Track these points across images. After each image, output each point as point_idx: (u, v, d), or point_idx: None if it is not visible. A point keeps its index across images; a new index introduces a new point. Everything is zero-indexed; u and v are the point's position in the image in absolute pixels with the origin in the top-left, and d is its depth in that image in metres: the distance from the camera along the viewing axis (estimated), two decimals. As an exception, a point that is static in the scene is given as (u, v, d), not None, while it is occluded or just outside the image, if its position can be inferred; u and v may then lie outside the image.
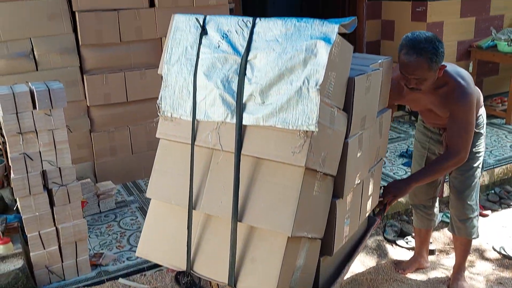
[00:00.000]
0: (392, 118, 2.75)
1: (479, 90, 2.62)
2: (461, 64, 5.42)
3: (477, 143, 2.62)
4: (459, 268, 2.85)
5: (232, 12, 4.65)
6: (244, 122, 1.67)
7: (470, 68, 5.42)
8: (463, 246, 2.80)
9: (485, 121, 2.67)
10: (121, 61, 3.85)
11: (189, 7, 3.93)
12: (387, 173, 4.10)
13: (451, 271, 2.94)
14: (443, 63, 2.27)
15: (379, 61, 2.06)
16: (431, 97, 2.43)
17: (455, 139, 2.39)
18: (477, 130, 2.59)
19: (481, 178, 2.73)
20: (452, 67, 2.43)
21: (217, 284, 2.09)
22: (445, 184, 2.96)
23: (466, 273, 2.92)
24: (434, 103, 2.45)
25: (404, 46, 2.23)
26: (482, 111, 2.64)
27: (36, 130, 2.52)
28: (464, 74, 2.43)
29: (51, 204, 2.67)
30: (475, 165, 2.64)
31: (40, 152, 2.56)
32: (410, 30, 2.42)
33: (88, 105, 3.81)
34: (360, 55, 2.20)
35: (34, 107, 2.49)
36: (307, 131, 1.57)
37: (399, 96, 2.45)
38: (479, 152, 2.64)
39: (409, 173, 4.05)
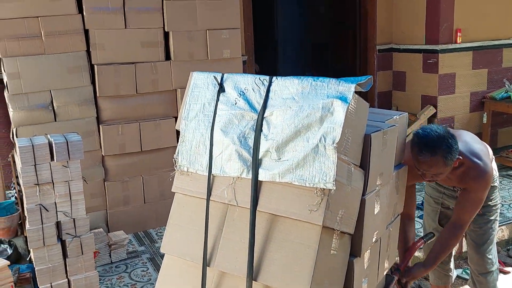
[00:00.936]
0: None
1: (487, 146, 2.63)
2: (474, 115, 5.47)
3: (492, 197, 2.60)
4: None
5: (245, 64, 4.77)
6: (260, 178, 1.67)
7: (484, 119, 5.43)
8: None
9: (497, 174, 2.66)
10: (136, 112, 3.93)
11: (204, 60, 4.05)
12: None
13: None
14: (458, 156, 2.27)
15: (395, 117, 2.07)
16: (448, 175, 2.42)
17: (463, 213, 2.42)
18: (492, 184, 2.57)
19: (500, 232, 2.70)
20: (465, 146, 2.39)
21: None
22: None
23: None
24: (451, 180, 2.46)
25: (417, 144, 2.23)
26: (494, 165, 2.64)
27: (53, 181, 2.55)
28: (478, 151, 2.42)
29: (64, 255, 2.66)
30: (492, 218, 2.62)
31: (55, 203, 2.58)
32: (421, 81, 2.44)
33: (103, 154, 3.86)
34: (375, 110, 2.22)
35: (52, 159, 2.53)
36: (324, 189, 1.57)
37: (415, 177, 2.39)
38: (495, 205, 2.62)
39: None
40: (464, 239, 2.96)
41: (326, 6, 6.76)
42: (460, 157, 2.29)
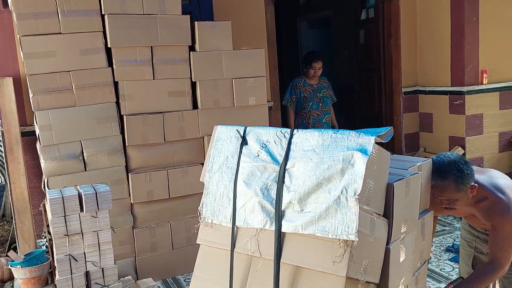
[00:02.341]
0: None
1: None
2: (504, 155, 5.37)
3: None
4: None
5: (270, 110, 4.86)
6: (283, 230, 1.69)
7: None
8: None
9: None
10: (164, 160, 4.01)
11: (230, 108, 4.14)
12: (433, 269, 3.93)
13: None
14: (473, 184, 2.28)
15: (418, 163, 2.07)
16: (472, 210, 2.41)
17: (499, 252, 2.35)
18: None
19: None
20: (488, 179, 2.41)
21: None
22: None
23: None
24: (476, 214, 2.42)
25: (432, 169, 2.26)
26: None
27: (82, 232, 2.62)
28: (502, 186, 2.40)
29: (93, 305, 2.69)
30: None
31: (84, 253, 2.64)
32: (448, 122, 2.42)
33: (132, 202, 3.93)
34: (398, 157, 2.22)
35: (82, 209, 2.61)
36: (347, 240, 1.57)
37: (436, 210, 2.39)
38: None
39: (456, 269, 3.87)
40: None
41: (350, 50, 6.86)
42: (476, 184, 2.28)
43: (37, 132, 3.67)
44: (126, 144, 3.86)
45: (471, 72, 5.08)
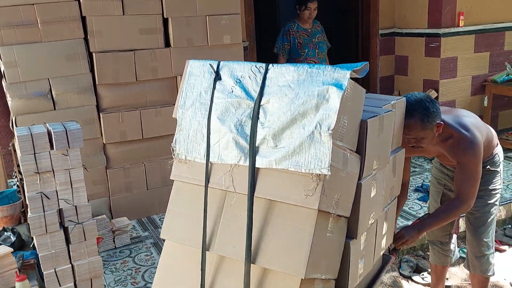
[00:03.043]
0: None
1: (492, 130, 2.64)
2: (476, 99, 5.47)
3: (493, 181, 2.62)
4: None
5: (246, 50, 4.76)
6: (257, 165, 1.69)
7: (485, 102, 5.43)
8: (479, 283, 2.76)
9: (502, 159, 2.67)
10: (136, 100, 3.94)
11: (204, 47, 4.04)
12: (403, 208, 4.06)
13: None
14: (439, 121, 2.32)
15: (392, 102, 2.08)
16: (439, 148, 2.47)
17: (464, 187, 2.43)
18: (492, 168, 2.60)
19: (498, 213, 2.71)
20: (454, 118, 2.46)
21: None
22: (460, 219, 2.94)
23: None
24: (443, 152, 2.48)
25: None
26: (499, 150, 2.65)
27: (53, 169, 2.57)
28: (467, 124, 2.45)
29: (67, 241, 2.70)
30: (491, 201, 2.64)
31: (56, 191, 2.61)
32: (424, 65, 2.46)
33: (104, 142, 3.89)
34: (373, 96, 2.22)
35: (52, 147, 2.55)
36: (319, 174, 1.59)
37: (408, 151, 2.43)
38: (495, 190, 2.64)
39: (425, 208, 4.02)
40: (463, 220, 3.00)
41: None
42: (442, 122, 2.34)
43: (2, 68, 3.53)
44: (97, 83, 3.76)
45: (448, 14, 5.05)
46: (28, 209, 2.59)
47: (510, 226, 4.01)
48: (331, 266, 1.80)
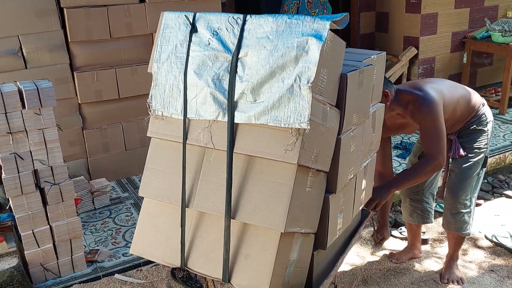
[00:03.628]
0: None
1: (472, 90, 2.65)
2: (455, 56, 5.47)
3: (478, 139, 2.64)
4: (451, 258, 2.89)
5: (224, 6, 4.63)
6: (236, 121, 1.66)
7: (465, 59, 5.44)
8: (454, 239, 2.83)
9: (490, 119, 2.69)
10: (111, 58, 3.83)
11: (180, 2, 3.91)
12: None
13: (445, 260, 2.97)
14: (385, 90, 2.34)
15: (372, 56, 2.05)
16: (407, 118, 2.49)
17: (429, 146, 2.46)
18: (479, 128, 2.62)
19: (482, 174, 2.73)
20: (410, 84, 2.55)
21: (212, 280, 2.10)
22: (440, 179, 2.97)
23: (459, 262, 2.96)
24: (408, 122, 2.53)
25: None
26: (486, 109, 2.67)
27: (26, 129, 2.50)
28: (421, 85, 2.49)
29: (44, 202, 2.66)
30: (474, 160, 2.65)
31: (30, 151, 2.55)
32: (404, 22, 2.44)
33: (79, 102, 3.79)
34: (353, 50, 2.19)
35: (23, 106, 2.47)
36: (299, 129, 1.57)
37: (385, 130, 2.45)
38: (479, 148, 2.65)
39: (404, 165, 4.07)
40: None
41: None
42: (387, 91, 2.37)
43: (-32, 26, 3.37)
44: (69, 40, 3.62)
45: (429, -33, 4.98)
46: (2, 171, 2.53)
47: (486, 181, 4.10)
48: (310, 220, 1.81)
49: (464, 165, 2.65)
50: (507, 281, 2.80)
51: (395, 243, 3.28)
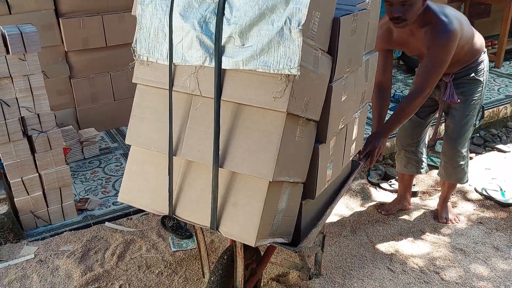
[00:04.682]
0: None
1: (479, 35, 2.58)
2: (452, 5, 5.30)
3: (474, 90, 2.61)
4: (445, 199, 2.97)
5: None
6: (223, 66, 1.60)
7: (462, 10, 5.31)
8: (450, 188, 2.91)
9: (486, 69, 2.63)
10: (98, 4, 3.69)
11: None
12: (371, 116, 4.07)
13: (435, 212, 3.01)
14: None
15: (367, 0, 1.97)
16: (417, 37, 2.40)
17: (424, 75, 2.40)
18: (477, 77, 2.58)
19: (475, 125, 2.72)
20: (439, 8, 2.41)
21: (201, 229, 2.11)
22: (430, 128, 2.96)
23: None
24: (421, 43, 2.41)
25: None
26: (485, 57, 2.62)
27: (10, 75, 2.44)
28: (449, 13, 2.39)
29: (32, 150, 2.63)
30: (469, 113, 2.64)
31: (16, 98, 2.49)
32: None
33: (66, 50, 3.69)
34: (346, -6, 2.10)
35: (7, 52, 2.39)
36: (289, 75, 1.51)
37: (389, 41, 2.43)
38: (474, 101, 2.63)
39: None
40: (431, 129, 3.02)
41: None
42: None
43: None
44: (53, -16, 3.48)
45: None
46: (-13, 118, 2.48)
47: (478, 135, 4.10)
48: (299, 170, 1.79)
49: (461, 120, 2.65)
50: (495, 233, 2.84)
51: (384, 195, 3.30)
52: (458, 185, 3.33)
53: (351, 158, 2.29)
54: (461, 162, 2.74)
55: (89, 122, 3.91)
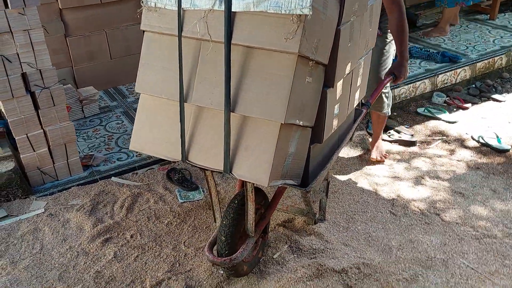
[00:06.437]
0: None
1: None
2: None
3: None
4: (376, 138, 3.12)
5: None
6: (233, 9, 1.61)
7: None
8: (377, 120, 3.05)
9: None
10: (92, -43, 3.61)
11: None
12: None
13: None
14: None
15: None
16: None
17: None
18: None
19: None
20: None
21: (212, 174, 2.14)
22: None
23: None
24: None
25: None
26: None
27: (11, 30, 2.41)
28: None
29: (36, 107, 2.63)
30: (388, 39, 2.82)
31: (18, 53, 2.47)
32: None
33: (60, 7, 3.62)
34: None
35: (6, 6, 2.36)
36: (300, 15, 1.53)
37: None
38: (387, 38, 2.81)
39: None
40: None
41: None
42: None
43: None
44: None
45: None
46: (-11, 74, 2.46)
47: (474, 85, 4.14)
48: (309, 114, 1.83)
49: (381, 45, 2.79)
50: (492, 177, 2.92)
51: (383, 146, 3.35)
52: (455, 135, 3.41)
53: (355, 105, 2.33)
54: (382, 91, 2.83)
55: (87, 81, 3.89)
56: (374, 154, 3.12)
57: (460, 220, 2.54)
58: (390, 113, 3.06)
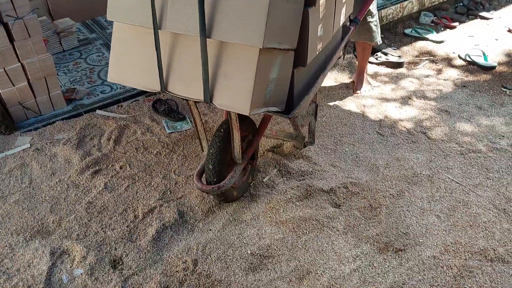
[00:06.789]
0: None
1: None
2: None
3: None
4: (361, 69, 3.00)
5: None
6: None
7: None
8: (364, 50, 2.91)
9: None
10: None
11: None
12: None
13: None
14: None
15: None
16: None
17: None
18: None
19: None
20: None
21: (195, 104, 2.11)
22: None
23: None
24: None
25: None
26: None
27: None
28: None
29: (11, 39, 2.53)
30: None
31: (-15, -17, 2.34)
32: None
33: None
34: None
35: None
36: None
37: None
38: None
39: None
40: None
41: None
42: None
43: None
44: None
45: None
46: (-43, 5, 2.34)
47: (461, 4, 4.05)
48: (290, 36, 1.75)
49: None
50: (478, 94, 2.93)
51: (370, 68, 3.32)
52: (442, 54, 3.37)
53: (341, 24, 2.26)
54: (369, 19, 2.74)
55: (62, 13, 3.72)
56: (359, 87, 3.02)
57: (446, 137, 2.57)
58: (381, 41, 2.92)
